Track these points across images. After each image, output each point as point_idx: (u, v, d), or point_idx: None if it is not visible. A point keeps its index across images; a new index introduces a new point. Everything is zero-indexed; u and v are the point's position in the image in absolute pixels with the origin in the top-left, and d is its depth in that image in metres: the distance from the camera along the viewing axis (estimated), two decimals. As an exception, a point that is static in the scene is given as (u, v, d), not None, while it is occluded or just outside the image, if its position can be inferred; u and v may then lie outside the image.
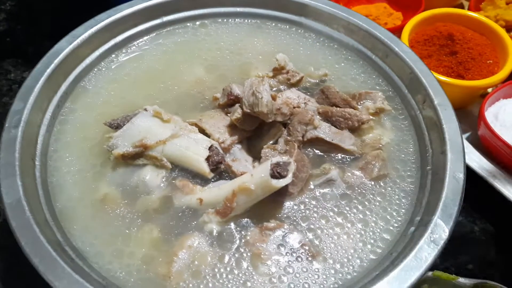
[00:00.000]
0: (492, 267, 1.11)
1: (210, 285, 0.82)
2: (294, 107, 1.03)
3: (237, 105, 1.00)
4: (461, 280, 0.95)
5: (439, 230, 0.82)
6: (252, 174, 0.87)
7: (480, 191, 1.18)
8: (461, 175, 0.89)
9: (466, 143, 1.25)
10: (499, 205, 1.16)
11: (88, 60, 1.13)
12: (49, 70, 1.02)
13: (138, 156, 0.95)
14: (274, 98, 0.99)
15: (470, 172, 1.17)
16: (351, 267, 0.85)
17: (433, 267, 0.97)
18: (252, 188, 0.85)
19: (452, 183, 0.88)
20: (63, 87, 1.07)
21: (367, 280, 0.79)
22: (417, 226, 0.86)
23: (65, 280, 0.72)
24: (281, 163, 0.86)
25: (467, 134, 1.30)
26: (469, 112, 1.34)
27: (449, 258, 1.12)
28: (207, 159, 0.94)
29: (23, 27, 1.66)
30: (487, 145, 1.21)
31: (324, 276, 0.84)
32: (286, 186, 0.90)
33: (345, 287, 0.82)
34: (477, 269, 1.10)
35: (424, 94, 1.04)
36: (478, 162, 1.20)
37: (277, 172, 0.85)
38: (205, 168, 0.93)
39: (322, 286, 0.83)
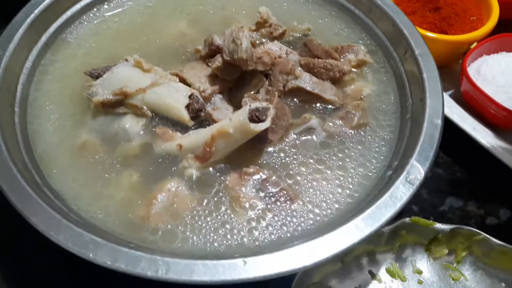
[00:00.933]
0: (471, 217, 1.12)
1: (189, 226, 0.82)
2: (275, 58, 1.03)
3: (218, 55, 0.99)
4: (439, 225, 0.96)
5: (415, 171, 0.82)
6: (231, 119, 0.87)
7: (461, 145, 1.19)
8: (438, 121, 0.90)
9: (448, 99, 1.25)
10: (480, 158, 1.16)
11: (69, 13, 1.12)
12: (29, 20, 1.01)
13: (119, 104, 0.95)
14: (253, 44, 0.99)
15: (451, 126, 1.18)
16: (328, 210, 0.86)
17: (411, 215, 0.99)
18: (231, 131, 0.85)
19: (430, 128, 0.88)
20: (44, 38, 1.06)
21: (343, 220, 0.80)
22: (394, 170, 0.87)
23: (42, 216, 0.72)
24: (260, 108, 0.86)
25: (450, 92, 1.30)
26: (453, 70, 1.33)
27: (428, 208, 1.13)
28: (187, 106, 0.94)
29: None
30: (469, 99, 1.21)
31: (302, 219, 0.85)
32: (266, 133, 0.91)
33: (321, 228, 0.83)
34: (456, 219, 1.11)
35: (406, 45, 1.04)
36: (460, 116, 1.20)
37: (255, 116, 0.84)
38: (184, 116, 0.93)
39: (300, 227, 0.84)
